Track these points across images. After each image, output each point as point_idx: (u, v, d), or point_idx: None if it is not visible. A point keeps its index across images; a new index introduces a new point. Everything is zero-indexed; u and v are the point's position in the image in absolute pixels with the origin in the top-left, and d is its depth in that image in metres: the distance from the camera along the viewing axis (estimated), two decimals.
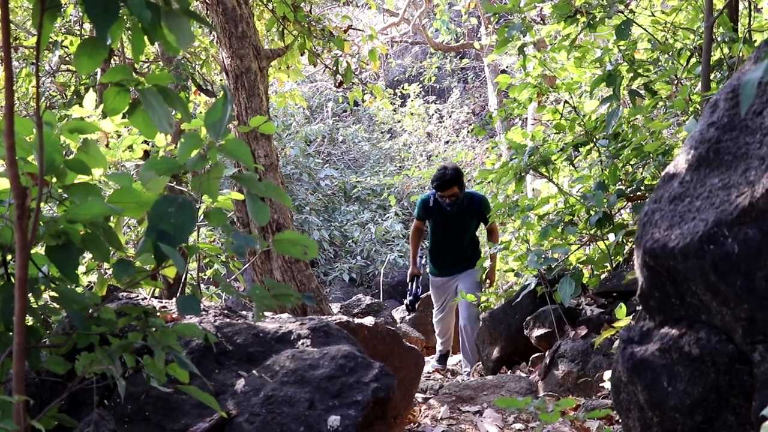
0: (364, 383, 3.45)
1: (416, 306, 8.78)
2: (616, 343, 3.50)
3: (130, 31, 2.63)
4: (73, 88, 9.49)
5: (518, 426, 4.85)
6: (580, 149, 7.05)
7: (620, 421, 3.21)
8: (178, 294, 3.65)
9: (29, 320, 2.79)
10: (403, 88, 24.29)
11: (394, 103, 23.62)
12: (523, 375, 6.26)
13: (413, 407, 5.21)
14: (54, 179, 2.72)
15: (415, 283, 8.68)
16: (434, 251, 8.57)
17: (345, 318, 4.46)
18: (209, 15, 7.74)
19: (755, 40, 5.79)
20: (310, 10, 9.28)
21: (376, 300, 9.81)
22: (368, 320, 4.62)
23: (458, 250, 8.41)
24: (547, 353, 5.98)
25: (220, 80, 9.98)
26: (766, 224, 2.50)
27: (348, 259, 19.93)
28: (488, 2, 13.43)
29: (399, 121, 24.29)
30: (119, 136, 4.67)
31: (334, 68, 9.40)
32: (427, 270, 8.80)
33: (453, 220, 8.24)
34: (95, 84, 8.24)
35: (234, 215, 7.72)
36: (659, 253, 2.82)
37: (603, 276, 6.57)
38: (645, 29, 6.85)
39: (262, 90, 7.71)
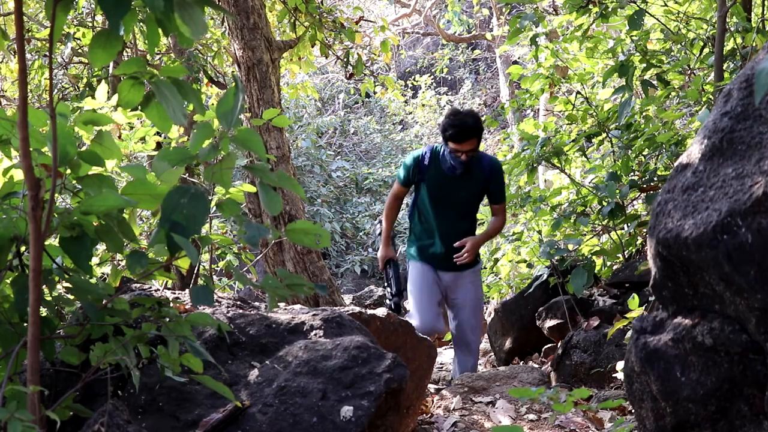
0: (376, 374, 3.46)
1: (402, 303, 6.52)
2: (629, 333, 3.50)
3: (142, 24, 2.63)
4: (85, 80, 9.51)
5: (531, 416, 4.85)
6: (593, 140, 7.04)
7: (633, 411, 3.21)
8: (191, 285, 3.66)
9: (43, 311, 2.80)
10: (414, 79, 24.29)
11: (406, 95, 23.62)
12: (536, 366, 6.27)
13: (426, 398, 5.22)
14: (68, 171, 2.73)
15: (392, 271, 6.53)
16: (419, 234, 6.37)
17: (357, 309, 4.46)
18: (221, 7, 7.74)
19: None
20: (322, 2, 9.28)
21: None
22: (380, 311, 4.62)
23: (455, 234, 6.20)
24: (559, 344, 5.98)
25: (232, 72, 9.98)
26: None
27: (360, 251, 19.94)
28: None
29: (410, 113, 24.28)
30: (132, 127, 4.67)
31: (346, 60, 9.40)
32: (403, 251, 6.82)
33: (454, 187, 6.09)
34: (107, 76, 8.26)
35: (246, 207, 7.73)
36: (672, 243, 2.81)
37: (615, 267, 6.56)
38: (658, 19, 6.82)
39: (273, 81, 7.72)
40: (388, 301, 6.47)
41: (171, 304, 3.09)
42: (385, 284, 6.58)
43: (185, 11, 2.27)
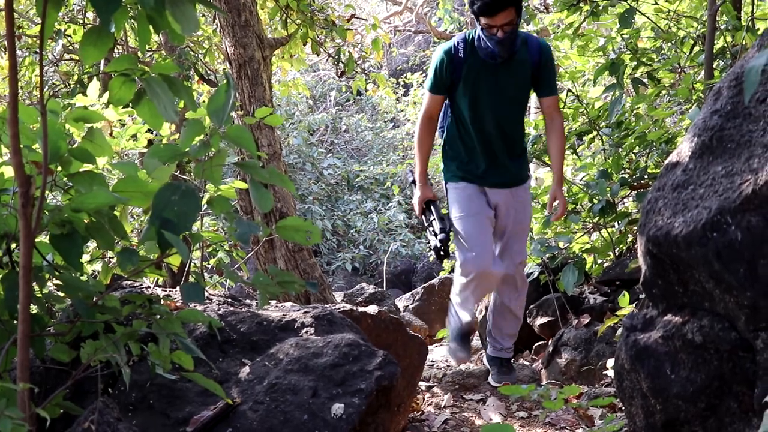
0: (367, 371, 3.46)
1: (448, 246, 5.08)
2: (619, 331, 3.51)
3: (133, 20, 2.63)
4: (76, 77, 9.48)
5: (522, 414, 4.86)
6: (584, 138, 7.04)
7: (623, 408, 3.22)
8: (181, 282, 3.66)
9: (33, 308, 2.79)
10: (406, 77, 24.24)
11: (397, 92, 23.58)
12: (526, 363, 6.27)
13: (416, 395, 5.22)
14: (59, 168, 2.73)
15: (434, 210, 5.24)
16: (458, 148, 5.24)
17: (348, 306, 4.46)
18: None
19: (758, 29, 5.79)
20: None
21: (379, 289, 9.78)
22: (372, 309, 4.62)
23: (504, 141, 5.14)
24: (550, 341, 5.98)
25: (223, 69, 9.97)
26: None
27: (351, 249, 19.93)
28: None
29: (402, 111, 24.24)
30: (123, 125, 4.67)
31: (337, 57, 9.40)
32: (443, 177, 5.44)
33: (498, 80, 4.99)
34: (98, 73, 8.24)
35: (237, 204, 7.72)
36: (662, 241, 2.82)
37: (606, 264, 6.57)
38: (648, 17, 6.83)
39: (265, 79, 7.71)
40: (431, 246, 5.15)
41: (162, 302, 3.09)
42: (426, 226, 5.29)
43: (177, 8, 2.27)
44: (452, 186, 5.27)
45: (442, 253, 5.03)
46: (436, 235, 5.10)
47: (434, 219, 5.16)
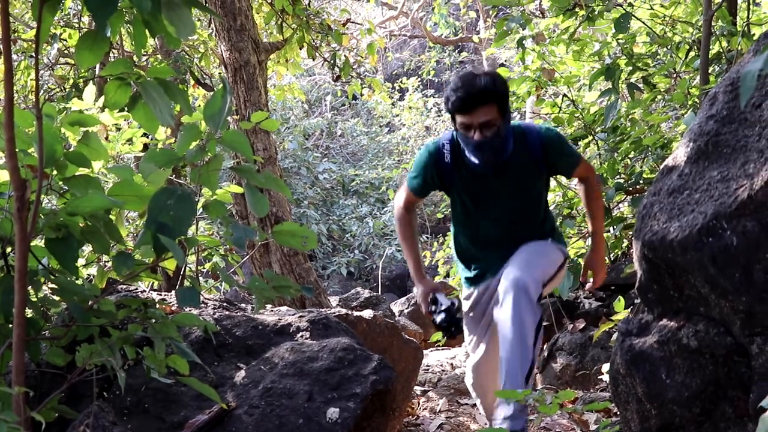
0: (363, 376, 3.46)
1: (457, 323, 4.06)
2: (615, 335, 3.51)
3: (129, 25, 2.63)
4: (71, 81, 9.48)
5: None
6: (579, 142, 7.05)
7: (618, 413, 3.22)
8: (177, 286, 3.66)
9: (29, 312, 2.79)
10: (401, 81, 24.24)
11: (393, 97, 23.58)
12: None
13: (412, 400, 5.22)
14: (54, 171, 2.73)
15: (441, 300, 4.10)
16: (465, 249, 4.34)
17: (344, 311, 4.46)
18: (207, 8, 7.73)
19: (754, 34, 5.79)
20: (309, 3, 9.28)
21: (374, 293, 9.78)
22: (367, 313, 4.62)
23: (513, 238, 4.14)
24: (545, 346, 5.99)
25: (219, 73, 9.97)
26: (764, 217, 2.50)
27: (346, 253, 19.91)
28: None
29: (397, 115, 24.24)
30: (119, 129, 4.66)
31: (333, 62, 9.40)
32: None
33: (497, 187, 4.06)
34: (94, 77, 8.24)
35: (233, 208, 7.72)
36: (658, 246, 2.83)
37: None
38: (644, 23, 6.84)
39: (260, 83, 7.71)
40: (437, 322, 4.10)
41: (157, 306, 3.09)
42: (434, 315, 4.14)
43: (173, 11, 2.27)
44: (464, 292, 4.38)
45: (452, 329, 4.05)
46: (442, 313, 4.07)
47: (441, 310, 4.06)
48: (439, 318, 4.04)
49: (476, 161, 3.90)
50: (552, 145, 4.04)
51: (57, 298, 2.97)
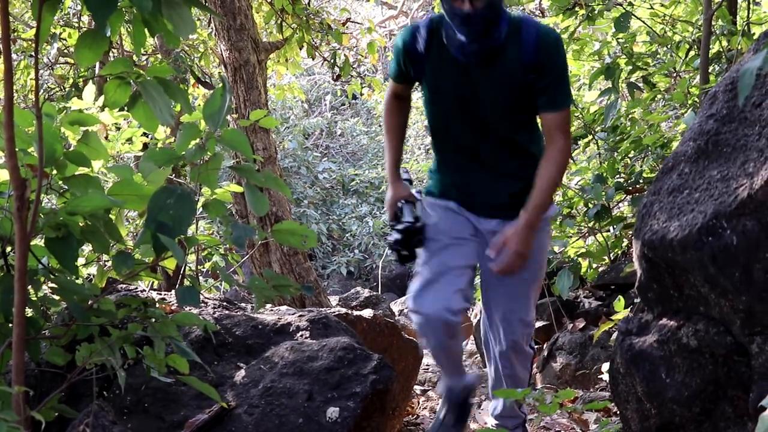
0: (362, 375, 3.46)
1: (413, 246, 3.60)
2: (614, 335, 3.51)
3: (129, 24, 2.63)
4: (71, 80, 9.47)
5: None
6: (579, 142, 7.04)
7: (618, 412, 3.22)
8: (177, 286, 3.66)
9: (29, 311, 2.79)
10: None
11: None
12: None
13: (412, 399, 5.22)
14: (54, 171, 2.73)
15: (407, 212, 3.64)
16: (438, 162, 3.77)
17: (344, 310, 4.47)
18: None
19: (754, 33, 5.79)
20: (309, 3, 9.27)
21: (374, 293, 9.77)
22: (367, 312, 4.62)
23: (495, 164, 3.58)
24: (545, 346, 5.99)
25: (219, 73, 9.97)
26: (764, 216, 2.50)
27: (346, 253, 19.90)
28: None
29: None
30: (119, 128, 4.66)
31: (332, 61, 9.39)
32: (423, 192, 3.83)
33: (476, 84, 3.41)
34: (94, 76, 8.24)
35: (232, 207, 7.72)
36: (658, 245, 2.83)
37: (601, 269, 6.57)
38: (644, 22, 6.84)
39: (260, 83, 7.70)
40: (390, 242, 3.64)
41: (157, 305, 3.09)
42: (392, 227, 3.66)
43: (173, 10, 2.27)
44: (428, 202, 3.73)
45: (403, 251, 3.59)
46: (396, 232, 3.61)
47: (404, 218, 3.62)
48: (392, 236, 3.58)
49: (462, 39, 3.22)
50: (548, 50, 3.34)
51: (57, 298, 2.97)
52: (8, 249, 2.68)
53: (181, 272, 4.95)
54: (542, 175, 3.43)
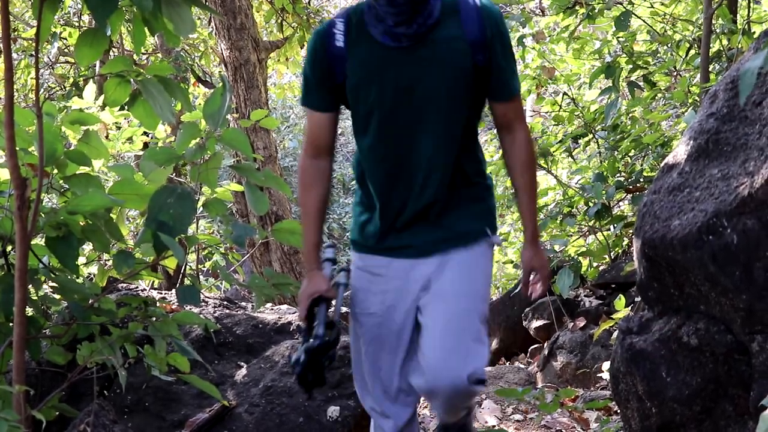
0: None
1: (321, 368, 2.57)
2: (615, 334, 3.51)
3: (129, 23, 2.63)
4: (72, 79, 9.47)
5: (517, 417, 4.85)
6: (579, 141, 7.04)
7: (619, 411, 3.22)
8: (177, 285, 3.66)
9: (29, 311, 2.79)
10: None
11: None
12: (522, 366, 6.27)
13: None
14: (55, 170, 2.73)
15: (319, 315, 2.69)
16: (364, 192, 2.93)
17: (344, 309, 4.46)
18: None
19: (754, 32, 5.78)
20: (309, 2, 9.28)
21: None
22: None
23: (431, 178, 2.73)
24: (545, 344, 5.98)
25: (219, 72, 9.97)
26: (765, 215, 2.50)
27: (346, 252, 19.91)
28: None
29: None
30: (119, 127, 4.66)
31: None
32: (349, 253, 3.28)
33: (409, 74, 2.66)
34: (94, 75, 8.24)
35: (233, 207, 7.71)
36: (658, 244, 2.82)
37: (602, 267, 6.57)
38: (644, 20, 6.83)
39: (261, 82, 7.71)
40: (293, 360, 2.58)
41: (158, 304, 3.09)
42: (303, 334, 2.70)
43: (173, 9, 2.27)
44: (355, 255, 2.99)
45: (308, 375, 2.58)
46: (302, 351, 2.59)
47: (317, 324, 2.68)
48: (296, 353, 2.60)
49: (389, 21, 2.60)
50: (496, 25, 2.71)
51: (57, 297, 2.97)
52: (9, 248, 2.68)
53: (182, 271, 4.94)
54: (525, 180, 2.87)
